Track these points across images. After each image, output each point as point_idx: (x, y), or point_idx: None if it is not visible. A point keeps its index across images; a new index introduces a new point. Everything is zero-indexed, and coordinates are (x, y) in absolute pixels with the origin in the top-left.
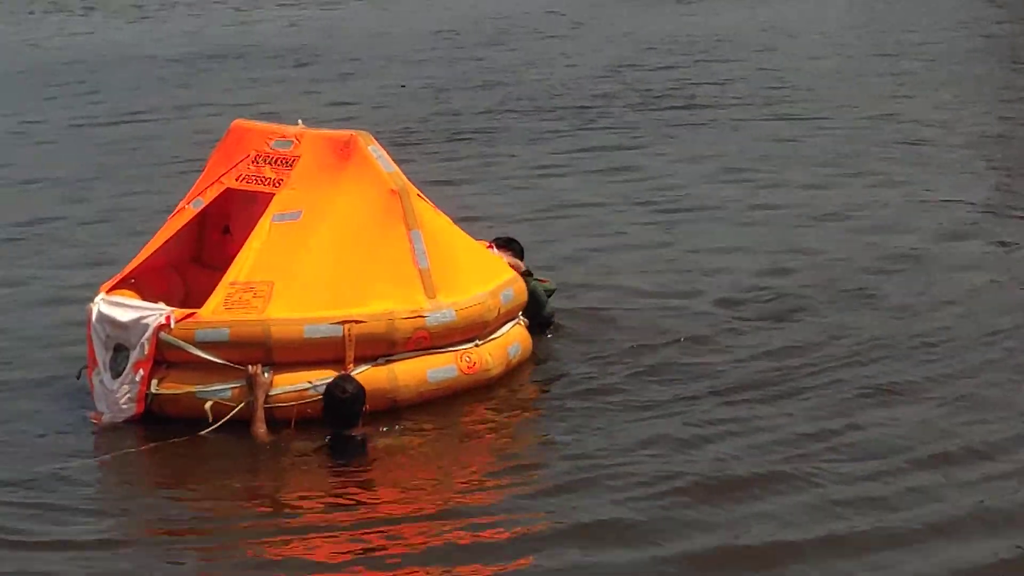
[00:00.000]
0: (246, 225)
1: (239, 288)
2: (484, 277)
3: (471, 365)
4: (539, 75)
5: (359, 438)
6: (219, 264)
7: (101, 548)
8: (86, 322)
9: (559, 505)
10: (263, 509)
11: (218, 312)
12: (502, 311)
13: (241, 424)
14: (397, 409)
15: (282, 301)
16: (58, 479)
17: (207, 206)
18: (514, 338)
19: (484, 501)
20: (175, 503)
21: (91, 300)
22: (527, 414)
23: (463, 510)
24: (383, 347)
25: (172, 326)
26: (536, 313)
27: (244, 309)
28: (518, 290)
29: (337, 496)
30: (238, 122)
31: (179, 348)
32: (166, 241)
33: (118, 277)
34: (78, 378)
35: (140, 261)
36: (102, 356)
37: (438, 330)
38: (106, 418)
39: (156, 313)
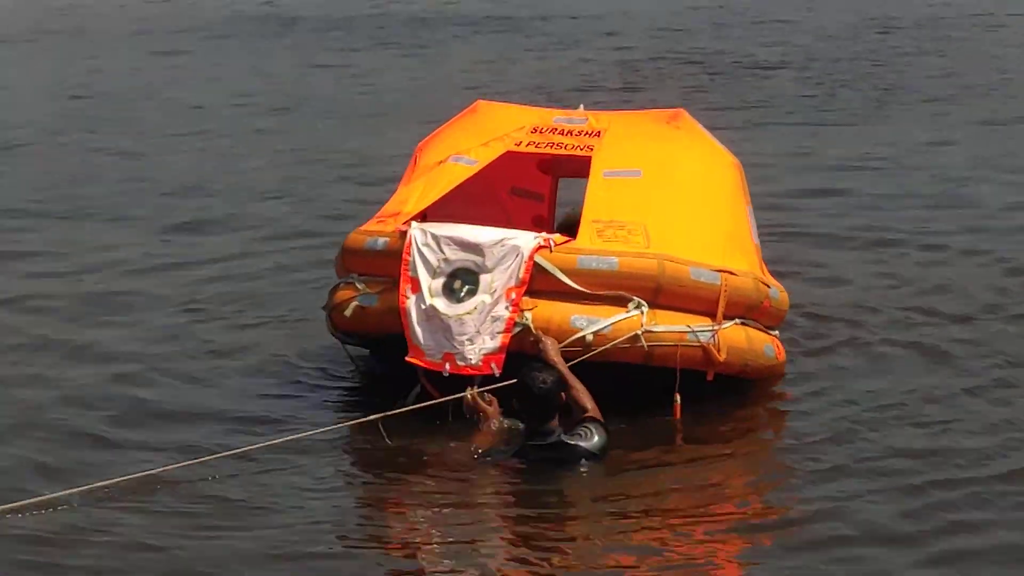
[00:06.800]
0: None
1: (605, 224)
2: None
3: (780, 351)
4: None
5: (558, 436)
6: None
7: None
8: (403, 248)
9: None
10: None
11: (597, 242)
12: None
13: None
14: (739, 379)
15: (661, 241)
16: None
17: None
18: None
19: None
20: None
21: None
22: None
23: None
24: (741, 308)
25: (552, 250)
26: None
27: (625, 243)
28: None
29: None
30: (484, 102)
31: (552, 275)
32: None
33: (408, 216)
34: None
35: (422, 208)
36: (428, 281)
37: (774, 307)
38: (458, 361)
39: (528, 235)
